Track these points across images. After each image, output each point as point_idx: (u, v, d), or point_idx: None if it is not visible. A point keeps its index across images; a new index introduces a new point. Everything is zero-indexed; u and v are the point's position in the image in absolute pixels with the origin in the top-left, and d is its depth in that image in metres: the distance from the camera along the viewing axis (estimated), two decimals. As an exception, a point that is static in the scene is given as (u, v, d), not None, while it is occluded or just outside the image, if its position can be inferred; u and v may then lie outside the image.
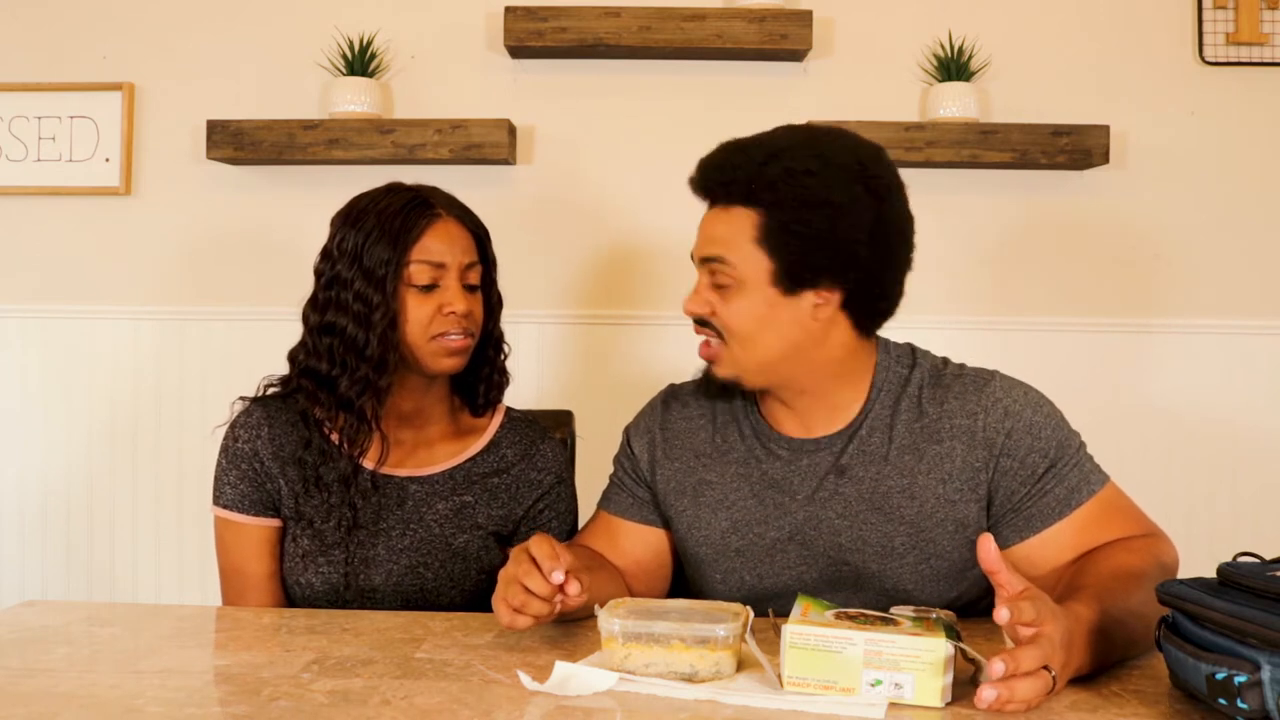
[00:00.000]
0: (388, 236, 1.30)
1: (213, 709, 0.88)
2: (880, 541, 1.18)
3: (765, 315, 1.15)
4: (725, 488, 1.26)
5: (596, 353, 2.38)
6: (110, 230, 2.43)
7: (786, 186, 1.12)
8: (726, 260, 1.15)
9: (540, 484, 1.42)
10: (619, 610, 0.98)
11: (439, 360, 1.33)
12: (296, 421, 1.36)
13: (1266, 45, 2.33)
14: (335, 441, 1.34)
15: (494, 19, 2.35)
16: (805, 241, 1.12)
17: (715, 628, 0.94)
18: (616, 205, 2.38)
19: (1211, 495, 2.34)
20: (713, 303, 1.18)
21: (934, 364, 1.25)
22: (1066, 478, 1.15)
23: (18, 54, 2.43)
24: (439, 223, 1.33)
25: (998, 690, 0.82)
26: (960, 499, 1.17)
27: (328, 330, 1.32)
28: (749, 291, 1.15)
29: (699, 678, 0.94)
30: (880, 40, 2.37)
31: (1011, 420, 1.16)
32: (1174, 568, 1.11)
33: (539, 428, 1.47)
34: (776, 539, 1.22)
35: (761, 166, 1.13)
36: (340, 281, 1.31)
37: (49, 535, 2.44)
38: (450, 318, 1.31)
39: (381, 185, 1.38)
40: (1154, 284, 2.36)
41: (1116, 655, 0.98)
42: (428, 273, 1.31)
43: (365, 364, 1.30)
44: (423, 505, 1.36)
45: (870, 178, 1.14)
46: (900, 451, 1.19)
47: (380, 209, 1.32)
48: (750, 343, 1.16)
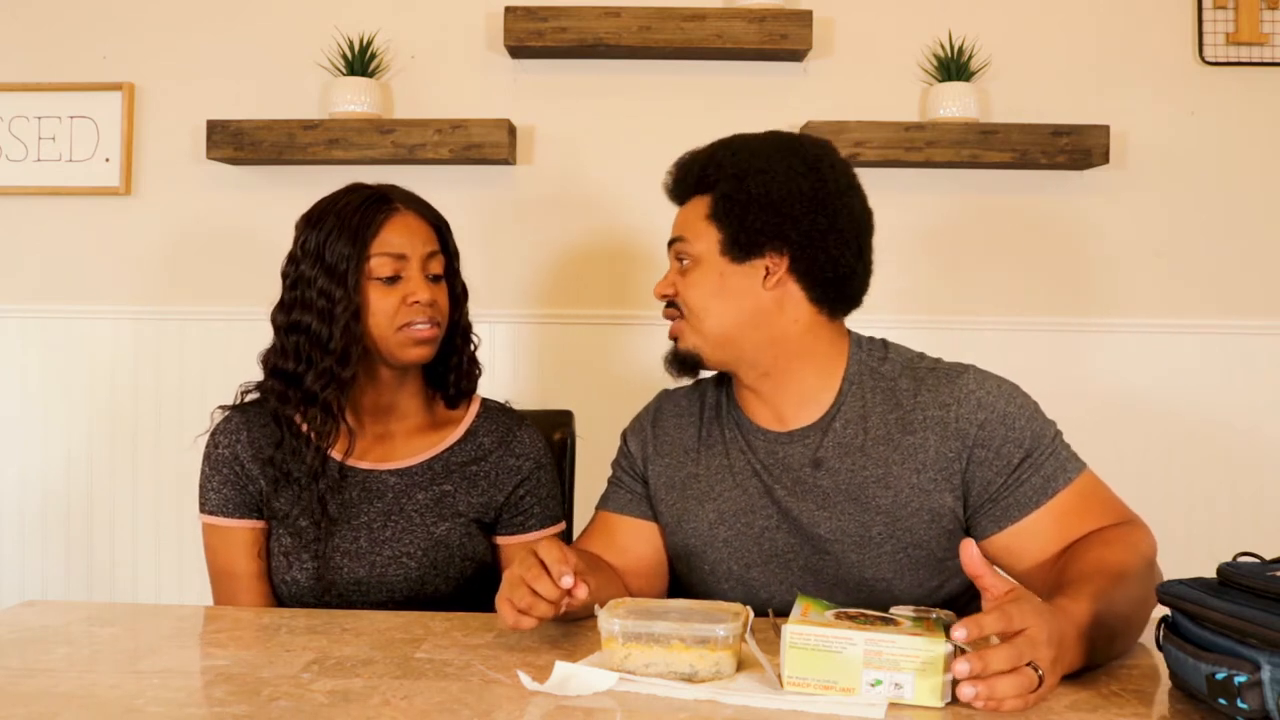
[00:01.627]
0: (348, 233, 1.33)
1: (213, 709, 0.88)
2: (858, 531, 1.21)
3: (718, 285, 1.23)
4: (711, 480, 1.29)
5: (596, 353, 2.37)
6: (110, 230, 2.43)
7: (731, 165, 1.23)
8: (684, 239, 1.25)
9: (519, 470, 1.43)
10: (619, 610, 0.98)
11: (407, 351, 1.35)
12: (269, 423, 1.38)
13: (1266, 45, 2.34)
14: (308, 438, 1.36)
15: (494, 19, 2.35)
16: (744, 207, 1.21)
17: (715, 628, 0.94)
18: (616, 205, 2.38)
19: (1211, 495, 2.34)
20: (676, 283, 1.27)
21: (908, 357, 1.28)
22: (1043, 466, 1.16)
23: (18, 54, 2.43)
24: (397, 216, 1.36)
25: (976, 688, 0.83)
26: (935, 489, 1.19)
27: (294, 329, 1.35)
28: (703, 265, 1.23)
29: (699, 678, 0.94)
30: (880, 40, 2.37)
31: (985, 411, 1.18)
32: (1152, 555, 1.12)
33: (515, 415, 1.49)
34: (764, 528, 1.25)
35: (711, 155, 1.26)
36: (304, 281, 1.35)
37: (49, 535, 2.44)
38: (415, 307, 1.34)
39: (342, 187, 1.41)
40: (1154, 284, 2.36)
41: (1104, 651, 0.99)
42: (389, 265, 1.34)
43: (329, 357, 1.33)
44: (402, 496, 1.38)
45: (807, 153, 1.24)
46: (875, 442, 1.21)
47: (339, 208, 1.36)
48: (706, 313, 1.23)
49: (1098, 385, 2.32)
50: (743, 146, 1.25)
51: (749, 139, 1.26)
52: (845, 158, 1.28)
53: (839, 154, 1.27)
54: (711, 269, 1.23)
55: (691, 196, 1.27)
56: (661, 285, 1.29)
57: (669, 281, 1.28)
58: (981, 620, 0.86)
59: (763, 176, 1.21)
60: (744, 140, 1.26)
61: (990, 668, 0.84)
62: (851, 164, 1.28)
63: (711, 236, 1.23)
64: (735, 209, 1.21)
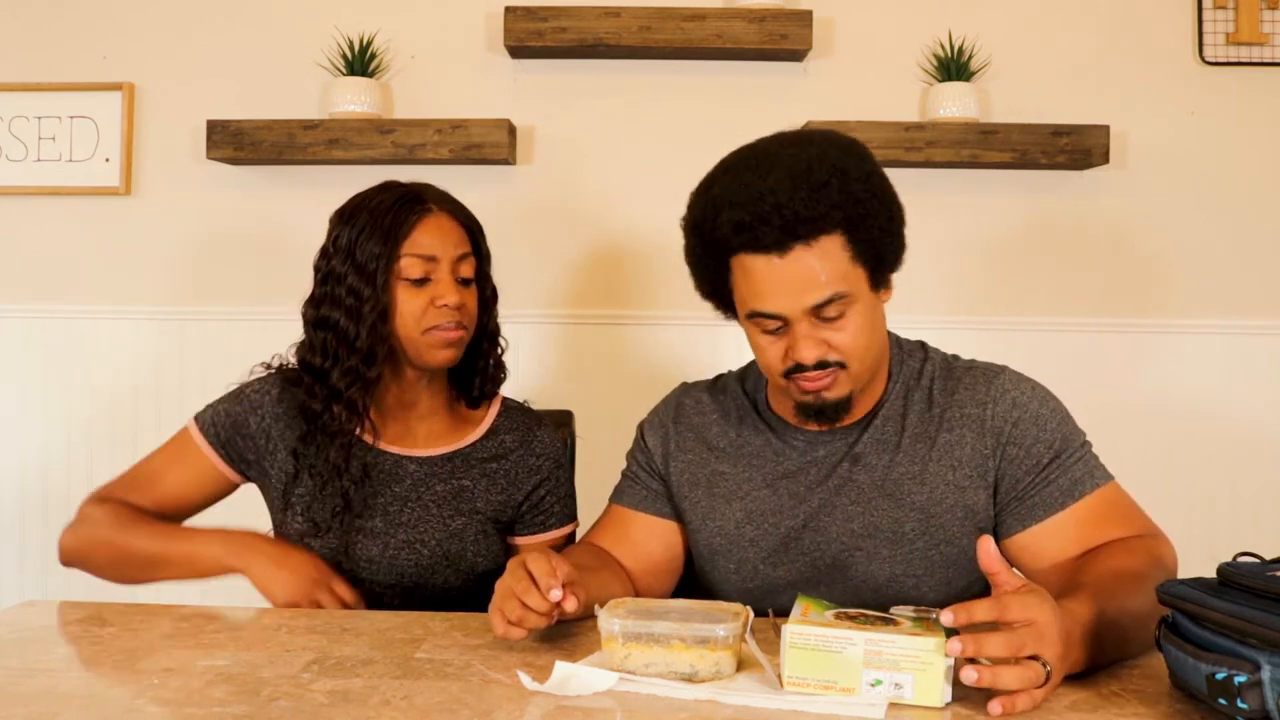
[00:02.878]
0: (379, 232, 1.32)
1: (213, 709, 0.87)
2: (891, 527, 1.21)
3: (872, 320, 1.16)
4: (738, 479, 1.28)
5: (596, 353, 2.38)
6: (110, 230, 2.43)
7: (868, 196, 1.11)
8: (842, 294, 1.11)
9: (539, 470, 1.44)
10: (619, 610, 0.98)
11: (433, 353, 1.34)
12: (298, 416, 1.39)
13: (1266, 45, 2.34)
14: (333, 434, 1.37)
15: (494, 19, 2.35)
16: (889, 238, 1.14)
17: (715, 628, 0.94)
18: (617, 205, 2.38)
19: (1211, 495, 2.34)
20: (826, 339, 1.13)
21: (944, 358, 1.29)
22: (1070, 469, 1.17)
23: (18, 54, 2.43)
24: (430, 217, 1.35)
25: (979, 672, 0.83)
26: (970, 486, 1.19)
27: (322, 324, 1.35)
28: (859, 308, 1.13)
29: (699, 678, 0.94)
30: (880, 40, 2.37)
31: (1019, 411, 1.19)
32: (1174, 569, 1.12)
33: (535, 415, 1.49)
34: (791, 528, 1.24)
35: (839, 187, 1.09)
36: (335, 277, 1.34)
37: (49, 535, 2.43)
38: (443, 310, 1.33)
39: (377, 184, 1.40)
40: (1154, 284, 2.36)
41: (1113, 654, 0.98)
42: (419, 266, 1.33)
43: (355, 355, 1.33)
44: (421, 485, 1.39)
45: (861, 149, 1.17)
46: (912, 440, 1.22)
47: (373, 205, 1.35)
48: (867, 353, 1.16)
49: (1097, 385, 2.32)
50: (855, 171, 1.11)
51: (840, 157, 1.12)
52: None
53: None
54: (866, 309, 1.14)
55: (813, 240, 1.09)
56: (810, 348, 1.12)
57: (818, 341, 1.12)
58: (972, 607, 0.86)
59: (892, 205, 1.15)
60: (845, 162, 1.11)
61: (984, 650, 0.84)
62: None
63: (860, 278, 1.12)
64: (880, 244, 1.13)
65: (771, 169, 1.10)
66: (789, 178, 1.08)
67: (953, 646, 0.84)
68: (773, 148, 1.14)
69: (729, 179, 1.13)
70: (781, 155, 1.11)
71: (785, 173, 1.09)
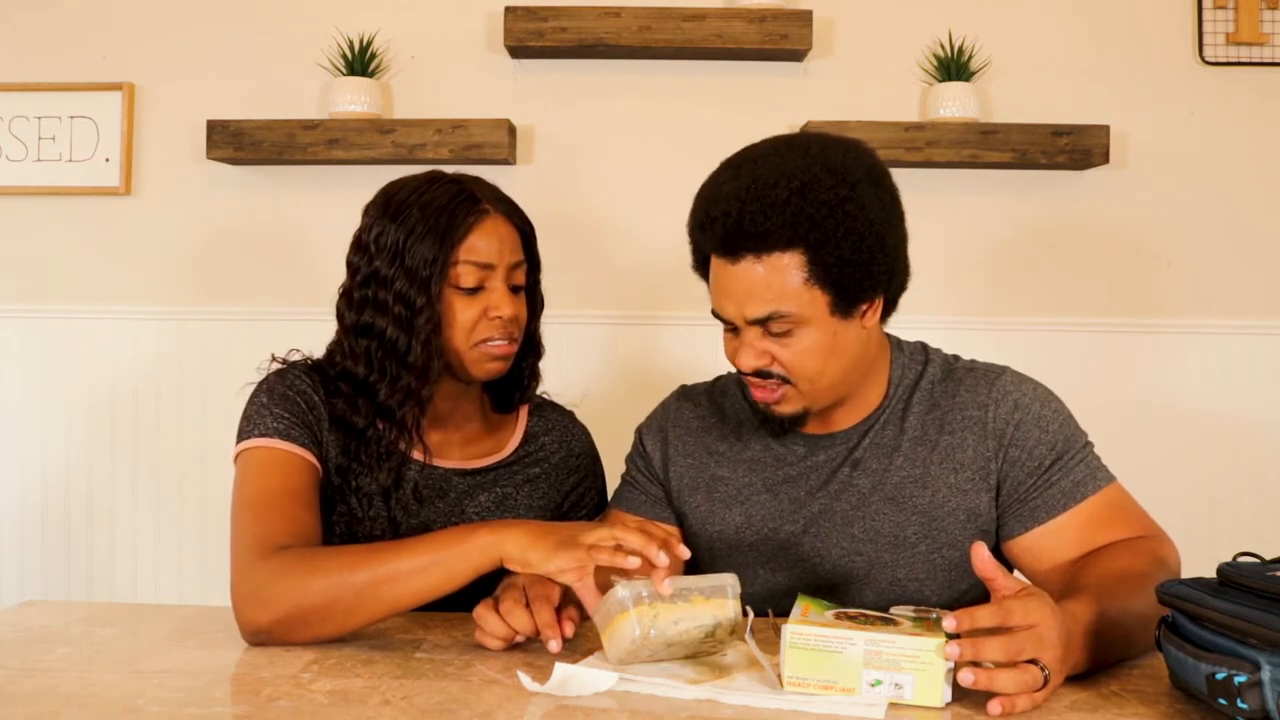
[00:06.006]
0: (433, 234, 1.20)
1: (213, 709, 0.87)
2: (892, 531, 1.20)
3: (830, 345, 1.12)
4: (738, 483, 1.27)
5: (596, 353, 2.38)
6: (110, 230, 2.43)
7: (831, 221, 1.06)
8: (784, 314, 1.09)
9: (578, 468, 1.41)
10: (627, 583, 0.98)
11: (482, 366, 1.26)
12: (334, 427, 1.26)
13: (1266, 45, 2.34)
14: (380, 452, 1.27)
15: (494, 19, 2.35)
16: (859, 268, 1.08)
17: (721, 577, 0.99)
18: (617, 205, 2.38)
19: (1211, 495, 2.34)
20: (771, 351, 1.12)
21: (945, 360, 1.27)
22: (1073, 471, 1.16)
23: (18, 54, 2.43)
24: (487, 220, 1.24)
25: (976, 674, 0.83)
26: (972, 488, 1.19)
27: (365, 332, 1.24)
28: (811, 329, 1.10)
29: (720, 631, 0.97)
30: (880, 40, 2.37)
31: (1020, 412, 1.18)
32: (1176, 569, 1.12)
33: (564, 410, 1.46)
34: (791, 533, 1.23)
35: (798, 206, 1.06)
36: (379, 279, 1.22)
37: (49, 535, 2.44)
38: (496, 322, 1.23)
39: (422, 174, 1.28)
40: (1154, 284, 2.36)
41: (1114, 655, 0.98)
42: (475, 274, 1.22)
43: (408, 372, 1.22)
44: (464, 498, 1.32)
45: (880, 177, 1.12)
46: (913, 443, 1.21)
47: (424, 202, 1.23)
48: (820, 375, 1.13)
49: (1097, 385, 2.32)
50: (825, 190, 1.06)
51: (817, 172, 1.07)
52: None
53: (873, 151, 1.16)
54: (822, 332, 1.10)
55: (767, 253, 1.07)
56: (750, 357, 1.12)
57: (759, 351, 1.12)
58: (975, 612, 0.86)
59: (875, 230, 1.08)
60: (818, 178, 1.07)
61: (982, 653, 0.84)
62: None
63: (816, 300, 1.08)
64: (848, 270, 1.08)
65: (744, 175, 1.09)
66: (751, 188, 1.07)
67: (951, 651, 0.84)
68: (762, 152, 1.13)
69: (714, 175, 1.15)
70: (763, 162, 1.10)
71: (750, 182, 1.08)
